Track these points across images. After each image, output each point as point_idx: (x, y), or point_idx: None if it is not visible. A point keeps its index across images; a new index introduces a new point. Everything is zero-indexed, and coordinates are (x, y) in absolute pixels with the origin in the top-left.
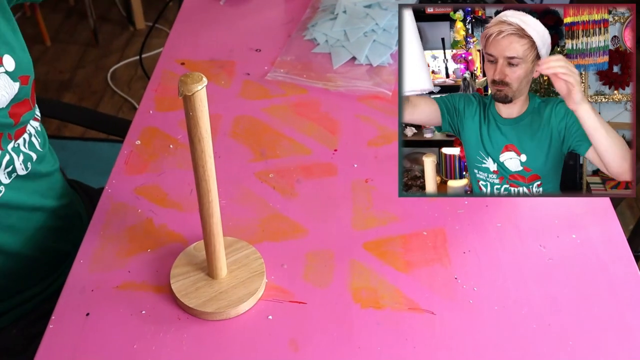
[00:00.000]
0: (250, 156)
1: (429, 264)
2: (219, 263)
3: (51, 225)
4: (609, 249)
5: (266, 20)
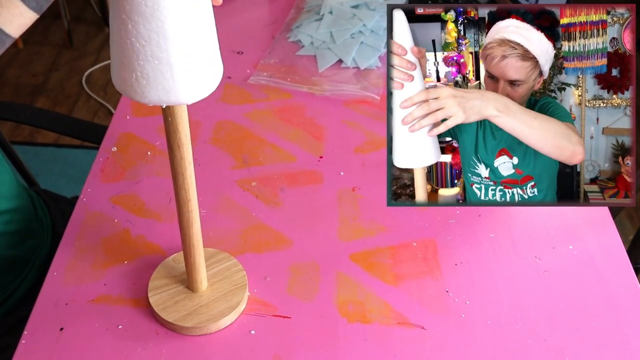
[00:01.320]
0: (232, 163)
1: (419, 276)
2: (199, 275)
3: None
4: (608, 260)
5: (249, 21)
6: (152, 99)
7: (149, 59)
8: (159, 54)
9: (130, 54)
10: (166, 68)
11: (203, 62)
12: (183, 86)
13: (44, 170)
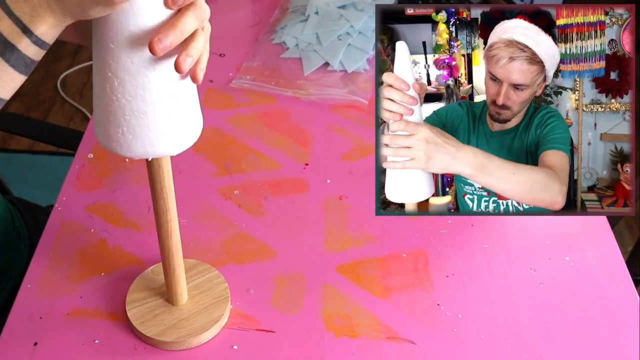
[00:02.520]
0: (214, 171)
1: (408, 288)
2: (179, 288)
3: None
4: (606, 272)
5: (231, 22)
6: (138, 153)
7: (135, 114)
8: (145, 108)
9: (117, 109)
10: (152, 121)
11: (187, 112)
12: (169, 138)
13: (17, 177)
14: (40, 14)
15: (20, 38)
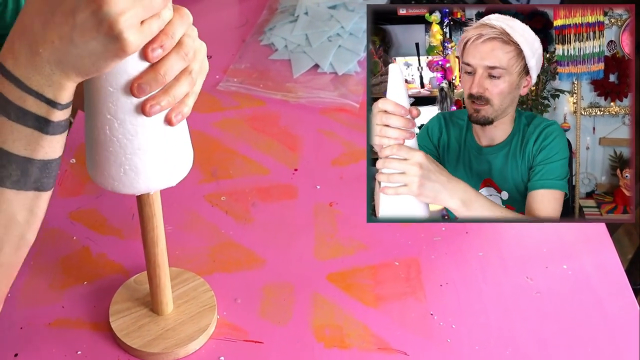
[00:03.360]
0: (200, 177)
1: (401, 298)
2: (165, 297)
3: None
4: (605, 281)
5: (217, 22)
6: (141, 189)
7: (136, 151)
8: (146, 145)
9: (118, 149)
10: (153, 157)
11: (183, 141)
12: (169, 170)
13: None
14: (56, 82)
15: (50, 112)
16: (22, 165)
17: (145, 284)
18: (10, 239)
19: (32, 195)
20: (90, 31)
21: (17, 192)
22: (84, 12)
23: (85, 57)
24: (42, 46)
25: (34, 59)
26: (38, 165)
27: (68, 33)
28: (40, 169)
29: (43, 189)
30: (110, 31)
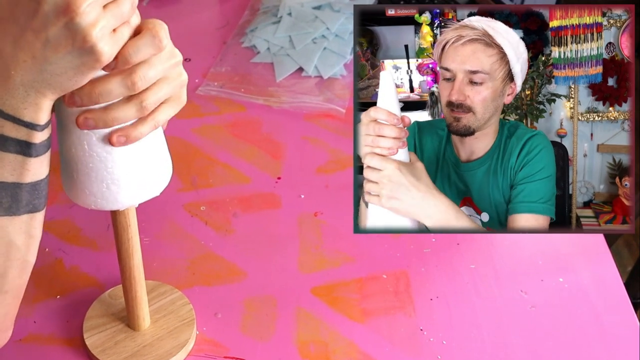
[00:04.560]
0: (178, 185)
1: (389, 312)
2: (141, 312)
3: None
4: (603, 295)
5: (197, 24)
6: (125, 203)
7: (117, 164)
8: (127, 157)
9: (98, 164)
10: (135, 167)
11: (162, 149)
12: (151, 181)
13: None
14: (32, 104)
15: (30, 134)
16: (11, 192)
17: (121, 298)
18: (13, 265)
19: (27, 218)
20: (64, 45)
21: (11, 218)
22: (55, 25)
23: (61, 73)
24: (13, 68)
25: (7, 83)
26: (27, 189)
27: (40, 50)
28: (30, 192)
29: (36, 210)
30: (84, 43)
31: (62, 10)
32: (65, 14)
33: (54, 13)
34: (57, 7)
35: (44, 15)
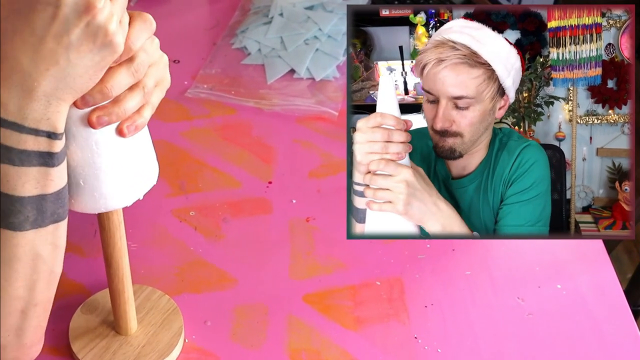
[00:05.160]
0: (167, 190)
1: (383, 320)
2: (128, 318)
3: None
4: (602, 302)
5: (186, 24)
6: (99, 207)
7: (92, 166)
8: (99, 161)
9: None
10: (112, 172)
11: (145, 153)
12: (129, 187)
13: None
14: (53, 112)
15: (51, 144)
16: (36, 205)
17: (108, 304)
18: (41, 277)
19: (52, 228)
20: (86, 45)
21: (37, 230)
22: (77, 26)
23: (82, 74)
24: (36, 80)
25: (30, 95)
26: (51, 199)
27: (64, 55)
28: (54, 202)
29: (60, 219)
30: (105, 38)
31: (83, 10)
32: (87, 12)
33: (75, 14)
34: (78, 8)
35: (64, 18)
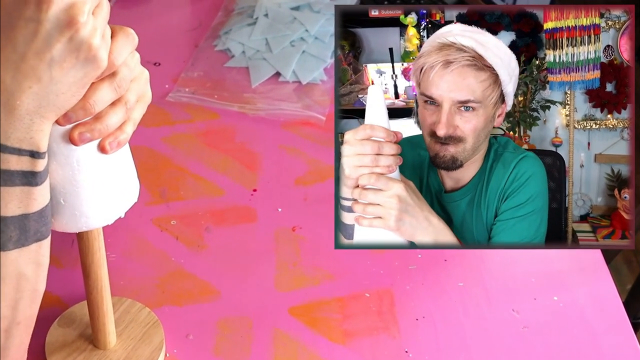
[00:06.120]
0: (147, 198)
1: (372, 333)
2: (107, 331)
3: None
4: (601, 315)
5: (167, 25)
6: (80, 226)
7: (73, 183)
8: (80, 178)
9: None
10: (92, 190)
11: (123, 178)
12: (109, 206)
13: None
14: (36, 131)
15: (34, 163)
16: (19, 224)
17: (86, 317)
18: (24, 296)
19: (35, 247)
20: (69, 60)
21: (20, 250)
22: (59, 41)
23: (65, 90)
24: (19, 98)
25: (13, 114)
26: (34, 218)
27: (46, 71)
28: (37, 220)
29: (43, 237)
30: (89, 53)
31: (65, 25)
32: (69, 27)
33: (57, 29)
34: (60, 23)
35: (46, 34)
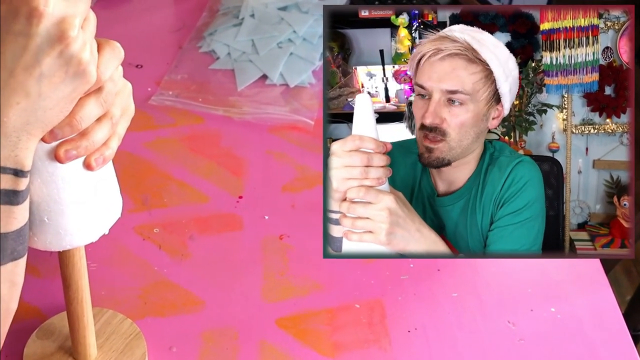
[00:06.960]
0: (129, 206)
1: (362, 346)
2: (87, 344)
3: None
4: (600, 326)
5: (150, 26)
6: (64, 244)
7: (57, 201)
8: (64, 196)
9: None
10: (76, 208)
11: (106, 194)
12: (89, 224)
13: None
14: (22, 148)
15: (17, 182)
16: None
17: (66, 328)
18: None
19: (11, 266)
20: (58, 75)
21: None
22: (49, 56)
23: (53, 106)
24: (5, 114)
25: None
26: (12, 237)
27: (35, 87)
28: (15, 239)
29: (19, 257)
30: (78, 68)
31: (56, 39)
32: (60, 42)
33: (47, 44)
34: (51, 37)
35: (36, 49)
